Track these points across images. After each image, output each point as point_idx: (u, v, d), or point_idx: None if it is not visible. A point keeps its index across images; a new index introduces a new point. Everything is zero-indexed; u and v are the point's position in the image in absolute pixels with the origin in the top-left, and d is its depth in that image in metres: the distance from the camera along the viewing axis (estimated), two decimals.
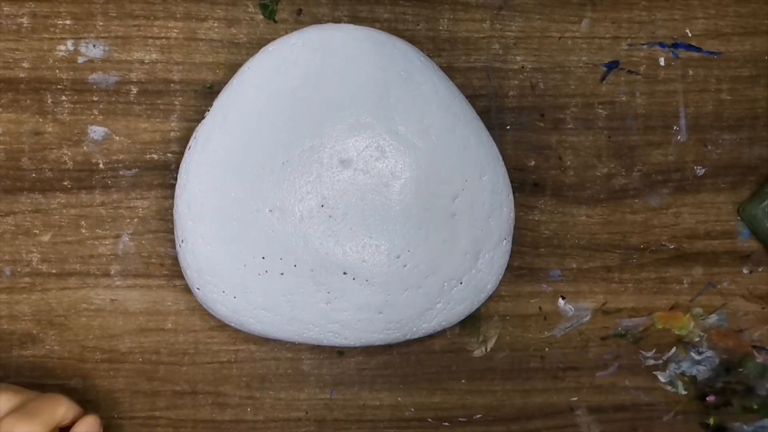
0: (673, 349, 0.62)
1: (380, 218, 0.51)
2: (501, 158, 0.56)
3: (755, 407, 0.63)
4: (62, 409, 0.52)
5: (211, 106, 0.55)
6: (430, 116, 0.52)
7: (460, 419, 0.62)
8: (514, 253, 0.59)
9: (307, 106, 0.51)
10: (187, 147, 0.54)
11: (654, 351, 0.62)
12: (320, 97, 0.51)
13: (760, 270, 0.62)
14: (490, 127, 0.60)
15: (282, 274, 0.52)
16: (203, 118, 0.54)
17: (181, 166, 0.53)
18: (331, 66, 0.52)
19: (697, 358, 0.62)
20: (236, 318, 0.53)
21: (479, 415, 0.62)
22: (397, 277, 0.52)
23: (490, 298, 0.58)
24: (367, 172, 0.51)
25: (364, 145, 0.51)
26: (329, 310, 0.52)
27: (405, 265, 0.52)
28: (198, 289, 0.54)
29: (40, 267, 0.59)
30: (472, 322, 0.61)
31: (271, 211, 0.51)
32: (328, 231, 0.51)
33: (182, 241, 0.53)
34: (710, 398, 0.63)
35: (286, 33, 0.58)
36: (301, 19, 0.60)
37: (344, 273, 0.52)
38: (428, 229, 0.52)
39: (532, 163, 0.61)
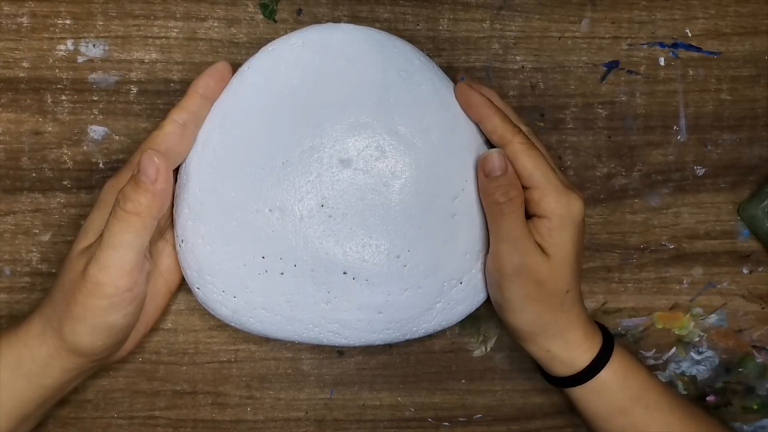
0: (673, 349, 0.62)
1: (380, 218, 0.51)
2: None
3: (755, 407, 0.63)
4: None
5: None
6: (430, 116, 0.52)
7: (460, 419, 0.62)
8: None
9: (307, 106, 0.51)
10: None
11: (654, 351, 0.62)
12: (320, 97, 0.51)
13: (760, 270, 0.62)
14: None
15: (282, 273, 0.52)
16: None
17: (181, 166, 0.53)
18: (331, 66, 0.52)
19: (697, 358, 0.62)
20: (236, 318, 0.53)
21: (479, 415, 0.62)
22: (397, 277, 0.52)
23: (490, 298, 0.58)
24: (367, 172, 0.51)
25: (364, 144, 0.51)
26: (329, 309, 0.52)
27: (405, 265, 0.52)
28: (198, 288, 0.53)
29: (40, 267, 0.60)
30: (472, 322, 0.61)
31: (270, 210, 0.51)
32: (328, 231, 0.51)
33: (182, 241, 0.53)
34: (710, 398, 0.63)
35: (286, 33, 0.58)
36: (301, 19, 0.60)
37: (344, 273, 0.51)
38: (428, 229, 0.52)
39: None
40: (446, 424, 0.62)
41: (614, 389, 0.54)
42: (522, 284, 0.51)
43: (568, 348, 0.54)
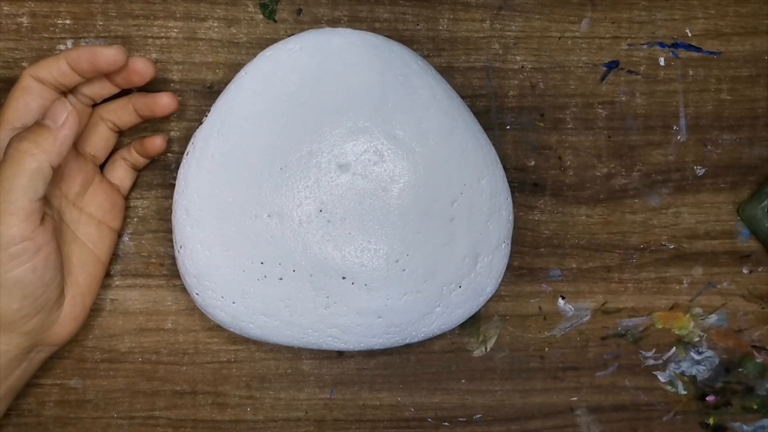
0: (673, 349, 0.62)
1: (379, 222, 0.51)
2: (499, 161, 0.56)
3: (755, 407, 0.63)
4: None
5: (210, 106, 0.55)
6: (428, 120, 0.52)
7: (460, 419, 0.62)
8: (514, 253, 0.60)
9: (305, 111, 0.51)
10: (185, 152, 0.54)
11: (654, 351, 0.62)
12: (318, 101, 0.51)
13: (759, 270, 0.62)
14: (490, 127, 0.60)
15: (281, 279, 0.52)
16: (203, 119, 0.54)
17: (179, 171, 0.53)
18: (329, 71, 0.51)
19: (697, 358, 0.62)
20: (235, 323, 0.53)
21: (479, 415, 0.62)
22: (396, 282, 0.52)
23: (489, 299, 0.58)
24: (365, 177, 0.51)
25: (362, 149, 0.51)
26: (328, 314, 0.52)
27: (404, 270, 0.52)
28: (197, 294, 0.53)
29: None
30: (472, 322, 0.61)
31: (269, 216, 0.51)
32: (326, 236, 0.51)
33: (181, 247, 0.53)
34: (710, 398, 0.63)
35: (286, 33, 0.58)
36: (301, 19, 0.60)
37: (343, 278, 0.52)
38: (427, 233, 0.52)
39: (532, 163, 0.61)
40: (446, 424, 0.62)
41: None
42: None
43: None
